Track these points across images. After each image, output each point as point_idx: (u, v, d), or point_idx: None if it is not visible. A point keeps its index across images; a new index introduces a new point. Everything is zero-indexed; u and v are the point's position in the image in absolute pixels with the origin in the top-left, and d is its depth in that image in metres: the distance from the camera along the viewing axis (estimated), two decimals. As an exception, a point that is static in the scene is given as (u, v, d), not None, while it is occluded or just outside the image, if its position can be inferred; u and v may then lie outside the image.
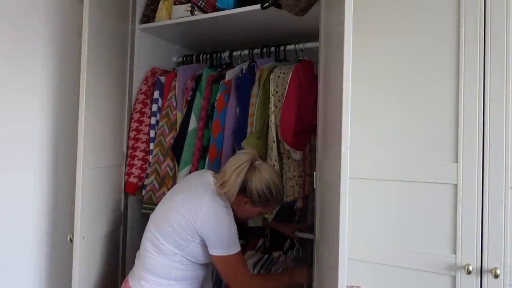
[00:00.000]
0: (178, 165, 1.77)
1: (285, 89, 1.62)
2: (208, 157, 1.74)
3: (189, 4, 1.81)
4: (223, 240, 1.34)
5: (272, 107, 1.62)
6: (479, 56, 1.19)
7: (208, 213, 1.34)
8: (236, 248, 1.36)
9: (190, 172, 1.78)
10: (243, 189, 1.41)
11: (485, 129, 1.18)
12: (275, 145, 1.61)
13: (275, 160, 1.61)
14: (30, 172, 1.58)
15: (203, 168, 1.78)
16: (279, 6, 1.54)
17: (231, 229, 1.36)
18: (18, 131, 1.54)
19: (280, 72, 1.67)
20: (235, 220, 1.41)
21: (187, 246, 1.36)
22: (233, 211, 1.42)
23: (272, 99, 1.63)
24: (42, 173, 1.62)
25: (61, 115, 1.68)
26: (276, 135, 1.62)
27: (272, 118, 1.62)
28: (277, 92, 1.65)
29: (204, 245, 1.37)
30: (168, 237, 1.36)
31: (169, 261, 1.37)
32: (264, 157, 1.64)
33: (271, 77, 1.65)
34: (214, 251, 1.35)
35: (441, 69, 1.25)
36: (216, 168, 1.71)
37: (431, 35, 1.26)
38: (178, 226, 1.34)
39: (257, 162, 1.44)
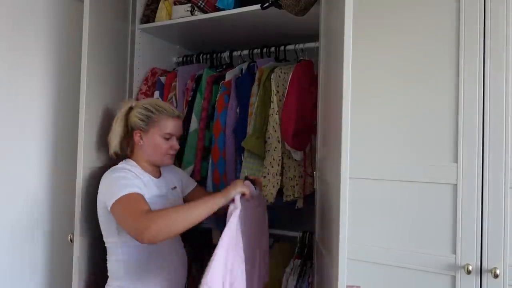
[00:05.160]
0: (179, 165, 1.77)
1: (286, 89, 1.62)
2: (211, 158, 1.74)
3: (189, 4, 1.81)
4: (112, 190, 1.27)
5: (275, 107, 1.62)
6: (479, 56, 1.19)
7: (101, 183, 1.34)
8: (126, 190, 1.24)
9: (193, 172, 1.79)
10: (131, 130, 1.43)
11: (485, 129, 1.18)
12: (280, 145, 1.61)
13: (279, 160, 1.61)
14: (30, 172, 1.58)
15: (206, 168, 1.79)
16: (279, 6, 1.55)
17: (118, 179, 1.29)
18: (18, 132, 1.54)
19: (281, 72, 1.68)
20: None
21: (113, 226, 1.32)
22: (144, 159, 1.42)
23: (274, 98, 1.63)
24: (42, 173, 1.62)
25: (61, 115, 1.68)
26: (277, 135, 1.62)
27: (275, 118, 1.62)
28: (277, 92, 1.65)
29: None
30: (104, 231, 1.36)
31: (115, 255, 1.34)
32: (263, 156, 1.64)
33: (272, 77, 1.65)
34: (109, 204, 1.25)
35: (441, 69, 1.25)
36: (221, 168, 1.71)
37: (431, 35, 1.26)
38: (100, 213, 1.35)
39: (134, 103, 1.47)
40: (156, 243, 1.16)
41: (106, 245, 1.37)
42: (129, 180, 1.30)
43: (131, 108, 1.46)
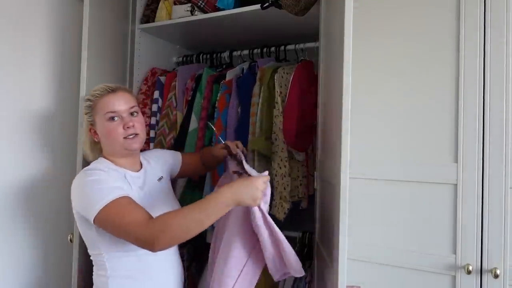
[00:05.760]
0: (179, 165, 1.77)
1: (288, 89, 1.62)
2: (213, 156, 1.73)
3: (189, 4, 1.81)
4: (89, 199, 1.12)
5: (280, 108, 1.62)
6: (479, 56, 1.19)
7: (72, 191, 1.20)
8: (109, 197, 1.10)
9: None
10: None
11: (485, 129, 1.18)
12: (285, 146, 1.61)
13: (286, 161, 1.61)
14: (30, 172, 1.58)
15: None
16: (279, 6, 1.55)
17: (93, 184, 1.13)
18: (18, 131, 1.54)
19: (284, 72, 1.68)
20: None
21: (94, 236, 1.19)
22: (113, 154, 1.25)
23: (278, 99, 1.63)
24: (42, 173, 1.62)
25: (61, 115, 1.68)
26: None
27: (280, 118, 1.62)
28: (281, 92, 1.65)
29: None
30: (86, 242, 1.24)
31: (102, 270, 1.21)
32: (270, 157, 1.63)
33: (275, 77, 1.65)
34: (91, 215, 1.10)
35: (441, 69, 1.25)
36: (221, 168, 1.71)
37: (431, 35, 1.26)
38: (78, 223, 1.22)
39: None
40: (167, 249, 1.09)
41: (91, 258, 1.25)
42: (105, 182, 1.13)
43: None
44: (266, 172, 1.14)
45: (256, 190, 1.08)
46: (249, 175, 1.17)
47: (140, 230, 1.05)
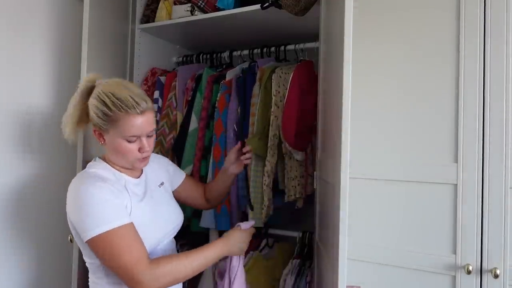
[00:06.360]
0: (179, 165, 1.77)
1: (287, 89, 1.62)
2: (212, 157, 1.74)
3: (189, 4, 1.81)
4: (89, 217, 1.03)
5: (274, 108, 1.62)
6: (479, 56, 1.19)
7: (69, 196, 1.11)
8: (110, 224, 1.02)
9: (192, 172, 1.78)
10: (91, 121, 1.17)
11: (485, 129, 1.18)
12: (276, 146, 1.61)
13: (273, 159, 1.61)
14: (30, 171, 1.58)
15: (205, 168, 1.78)
16: (279, 6, 1.55)
17: (97, 203, 1.04)
18: (18, 132, 1.54)
19: (282, 72, 1.68)
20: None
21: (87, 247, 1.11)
22: (113, 159, 1.17)
23: (273, 99, 1.63)
24: (42, 173, 1.62)
25: (61, 115, 1.68)
26: (278, 136, 1.62)
27: (274, 118, 1.62)
28: (278, 92, 1.65)
29: None
30: (82, 249, 1.16)
31: (103, 277, 1.14)
32: (265, 157, 1.63)
33: (272, 77, 1.65)
34: (87, 235, 1.02)
35: (441, 69, 1.24)
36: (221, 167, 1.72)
37: (431, 35, 1.26)
38: (72, 232, 1.14)
39: (98, 81, 1.16)
40: None
41: (86, 264, 1.17)
42: (110, 204, 1.05)
43: (93, 88, 1.15)
44: (253, 222, 1.33)
45: (245, 244, 1.26)
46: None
47: (139, 270, 1.02)
